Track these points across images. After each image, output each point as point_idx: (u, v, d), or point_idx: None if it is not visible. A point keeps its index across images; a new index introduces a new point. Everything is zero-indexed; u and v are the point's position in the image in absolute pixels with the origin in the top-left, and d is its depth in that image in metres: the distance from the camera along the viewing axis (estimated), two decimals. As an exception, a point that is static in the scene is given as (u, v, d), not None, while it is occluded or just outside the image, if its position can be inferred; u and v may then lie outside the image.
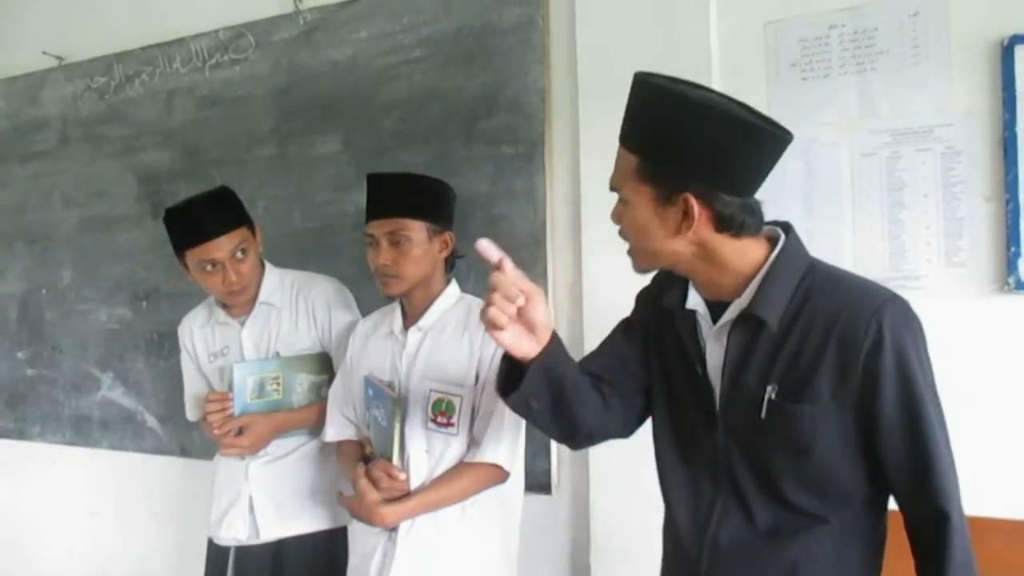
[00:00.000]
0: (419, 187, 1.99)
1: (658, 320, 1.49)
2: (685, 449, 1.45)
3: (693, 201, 1.25)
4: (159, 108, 3.18)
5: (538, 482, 2.41)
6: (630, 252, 1.38)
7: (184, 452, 3.15)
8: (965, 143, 2.01)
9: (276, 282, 2.27)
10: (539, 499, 2.40)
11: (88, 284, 3.37)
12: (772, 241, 1.34)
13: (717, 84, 2.22)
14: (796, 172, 2.16)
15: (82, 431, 3.40)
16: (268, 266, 2.29)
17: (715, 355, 1.37)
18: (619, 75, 2.23)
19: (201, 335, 2.33)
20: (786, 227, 1.36)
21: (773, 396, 1.29)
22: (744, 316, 1.31)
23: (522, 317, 1.27)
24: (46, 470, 3.56)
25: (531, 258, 2.45)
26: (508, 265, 1.26)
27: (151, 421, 3.22)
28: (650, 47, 2.25)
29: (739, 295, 1.32)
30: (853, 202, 2.12)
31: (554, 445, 2.44)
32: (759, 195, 1.33)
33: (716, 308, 1.37)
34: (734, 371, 1.33)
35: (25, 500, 3.66)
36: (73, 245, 3.41)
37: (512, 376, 1.36)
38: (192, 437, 3.11)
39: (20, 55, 3.53)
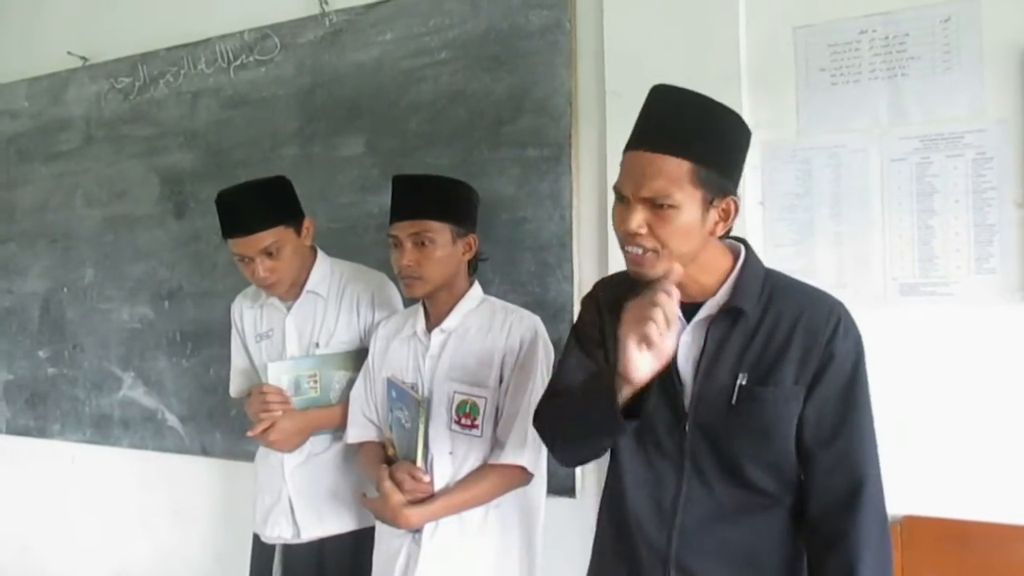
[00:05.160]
0: (444, 189, 2.00)
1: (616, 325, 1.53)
2: (647, 447, 1.51)
3: (735, 204, 1.39)
4: (183, 109, 3.20)
5: (563, 485, 2.40)
6: (648, 255, 1.37)
7: (206, 452, 3.16)
8: (996, 149, 2.00)
9: (326, 271, 2.27)
10: (564, 502, 2.40)
11: (110, 283, 3.39)
12: (734, 251, 1.49)
13: (746, 88, 2.22)
14: (825, 178, 2.15)
15: (103, 430, 3.41)
16: (320, 255, 2.29)
17: (687, 352, 1.45)
18: (647, 78, 2.23)
19: (251, 314, 2.34)
20: (743, 241, 1.51)
21: (744, 382, 1.39)
22: (725, 310, 1.42)
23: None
24: (66, 468, 3.57)
25: (556, 261, 2.45)
26: (675, 292, 1.30)
27: (172, 420, 3.23)
28: (678, 50, 2.25)
29: (710, 295, 1.44)
30: (883, 208, 2.11)
31: (577, 449, 2.43)
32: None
33: (686, 309, 1.45)
34: (709, 364, 1.43)
35: (44, 498, 3.67)
36: (95, 244, 3.43)
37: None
38: (214, 437, 3.12)
39: (45, 55, 3.56)
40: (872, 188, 2.12)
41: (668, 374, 1.44)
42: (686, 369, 1.46)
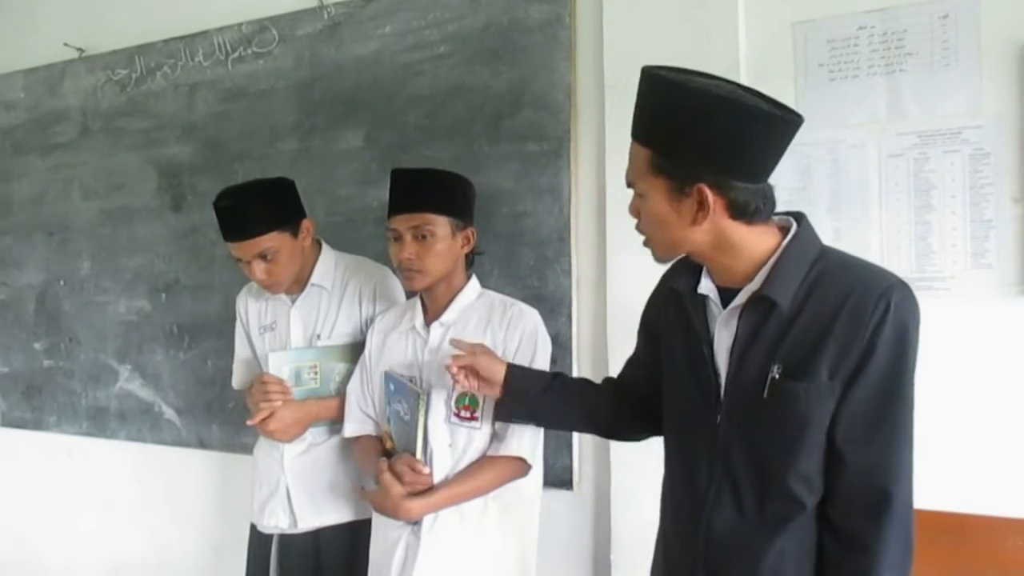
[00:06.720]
0: (444, 182, 2.00)
1: (664, 314, 1.56)
2: (686, 436, 1.49)
3: (707, 191, 1.29)
4: (181, 101, 3.19)
5: (560, 478, 2.41)
6: (648, 244, 1.42)
7: (202, 444, 3.16)
8: (993, 145, 2.01)
9: (330, 264, 2.28)
10: (561, 495, 2.41)
11: (107, 276, 3.38)
12: (784, 230, 1.38)
13: (745, 83, 2.18)
14: (823, 173, 2.16)
15: (99, 422, 3.41)
16: (325, 248, 2.30)
17: (724, 339, 1.40)
18: (646, 73, 2.28)
19: (255, 307, 2.35)
20: (799, 216, 1.40)
21: (776, 375, 1.32)
22: (756, 298, 1.34)
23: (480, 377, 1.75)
24: (62, 461, 3.57)
25: (555, 255, 2.46)
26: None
27: (169, 413, 3.23)
28: (677, 45, 2.25)
29: (750, 280, 1.36)
30: (880, 203, 2.12)
31: (576, 442, 2.44)
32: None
33: (727, 294, 1.41)
34: (742, 352, 1.36)
35: (41, 491, 3.66)
36: (92, 237, 3.42)
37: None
38: (211, 429, 3.12)
39: (41, 46, 3.54)
40: (870, 183, 2.13)
41: (703, 363, 1.42)
42: (722, 358, 1.41)
